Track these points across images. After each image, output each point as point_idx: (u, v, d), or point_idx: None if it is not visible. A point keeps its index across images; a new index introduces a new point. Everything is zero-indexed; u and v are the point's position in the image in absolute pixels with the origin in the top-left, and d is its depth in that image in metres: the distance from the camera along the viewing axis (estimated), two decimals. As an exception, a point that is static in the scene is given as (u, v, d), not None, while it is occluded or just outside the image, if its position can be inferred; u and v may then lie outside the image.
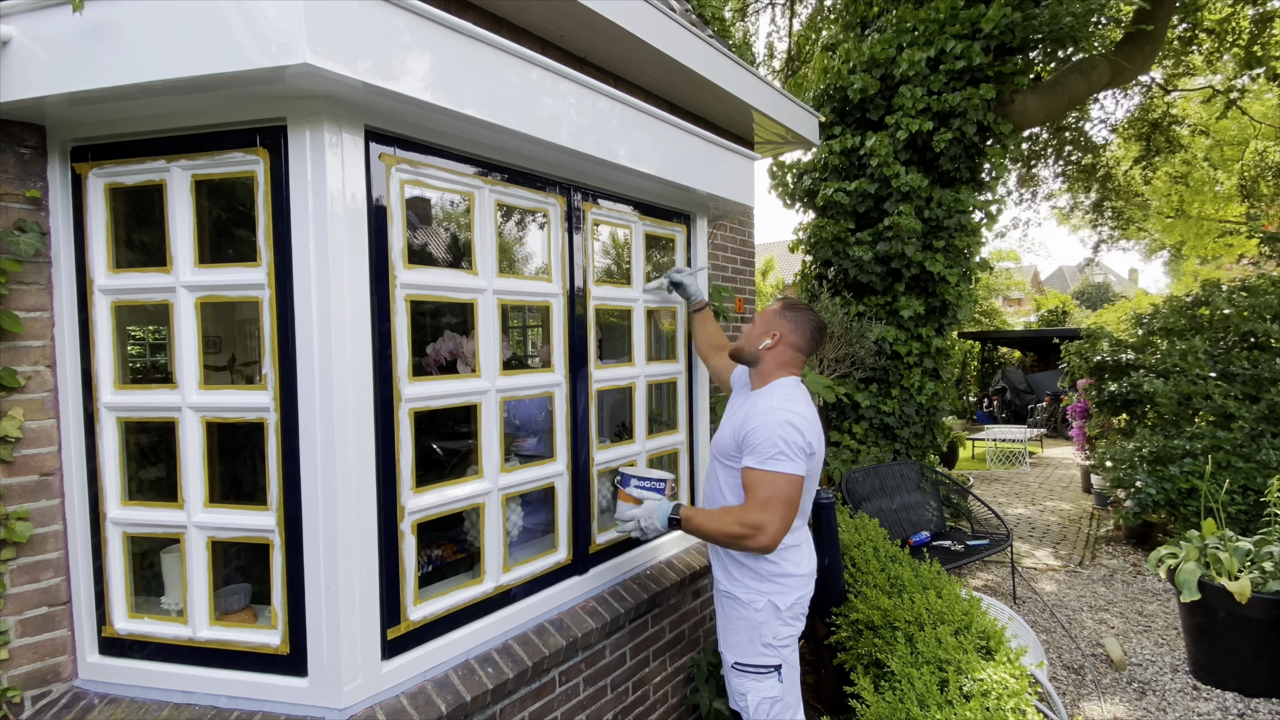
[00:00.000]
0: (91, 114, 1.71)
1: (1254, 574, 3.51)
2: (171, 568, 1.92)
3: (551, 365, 2.36)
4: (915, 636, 2.64)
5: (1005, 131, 6.21)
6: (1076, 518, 7.34)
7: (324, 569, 1.68)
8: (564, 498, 2.39)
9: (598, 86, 2.17)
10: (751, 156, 3.06)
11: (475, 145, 2.01)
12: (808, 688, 3.58)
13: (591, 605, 2.42)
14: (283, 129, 1.65)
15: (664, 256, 3.06)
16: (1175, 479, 5.13)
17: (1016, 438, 10.56)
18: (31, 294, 1.75)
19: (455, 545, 2.33)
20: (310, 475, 1.68)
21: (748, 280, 4.87)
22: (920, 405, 6.68)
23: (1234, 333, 5.83)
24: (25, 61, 1.56)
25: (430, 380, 1.95)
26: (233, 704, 1.75)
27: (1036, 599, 5.03)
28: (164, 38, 1.46)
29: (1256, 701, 3.53)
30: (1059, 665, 4.01)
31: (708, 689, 2.85)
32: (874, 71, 6.37)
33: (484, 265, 2.07)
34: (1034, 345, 16.30)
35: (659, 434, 2.91)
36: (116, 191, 1.83)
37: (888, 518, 5.09)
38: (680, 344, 3.03)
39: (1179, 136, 10.88)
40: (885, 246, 6.23)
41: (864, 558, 3.41)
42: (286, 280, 1.68)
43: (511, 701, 2.07)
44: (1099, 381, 6.77)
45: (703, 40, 3.32)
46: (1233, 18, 8.83)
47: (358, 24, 1.50)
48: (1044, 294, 26.23)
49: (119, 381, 1.83)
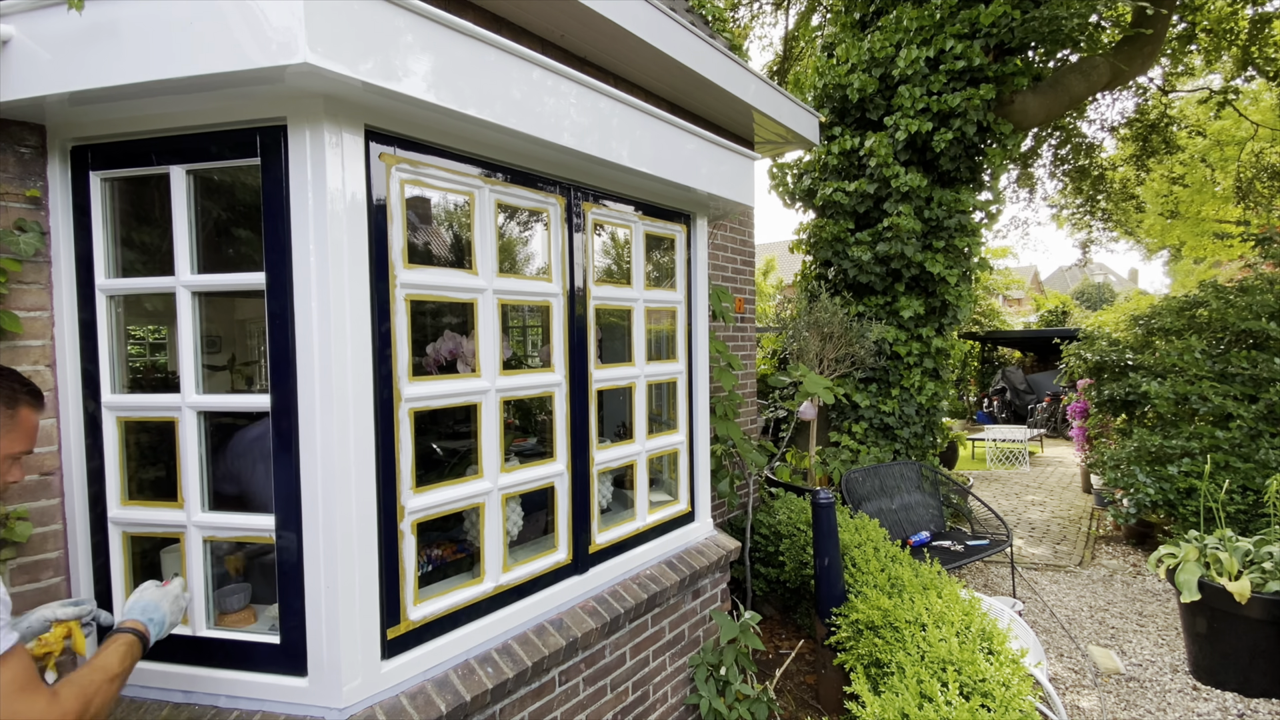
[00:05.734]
0: (92, 113, 1.71)
1: (1254, 574, 3.51)
2: (172, 567, 1.92)
3: (551, 365, 2.36)
4: (916, 637, 2.64)
5: (1005, 132, 6.22)
6: (1076, 518, 7.34)
7: (324, 569, 1.68)
8: (564, 498, 2.39)
9: (599, 86, 2.17)
10: (752, 156, 3.06)
11: (475, 145, 2.01)
12: (808, 688, 3.57)
13: (591, 605, 2.42)
14: (283, 128, 1.65)
15: (664, 256, 3.06)
16: (1174, 479, 5.13)
17: (1016, 438, 10.56)
18: (31, 293, 1.75)
19: (455, 545, 2.32)
20: (310, 474, 1.68)
21: (748, 280, 4.87)
22: (920, 405, 6.68)
23: (1232, 332, 5.83)
24: (25, 61, 1.56)
25: (430, 380, 1.95)
26: (233, 703, 1.75)
27: (1036, 599, 5.03)
28: (164, 37, 1.46)
29: (1256, 702, 3.53)
30: (1059, 665, 4.01)
31: (708, 689, 2.85)
32: (873, 71, 6.38)
33: (484, 265, 2.07)
34: (1034, 345, 16.30)
35: (659, 434, 2.91)
36: (117, 190, 1.83)
37: (888, 518, 5.09)
38: (680, 344, 3.03)
39: (1176, 137, 10.89)
40: (885, 247, 6.23)
41: (864, 558, 3.41)
42: (286, 279, 1.68)
43: (511, 701, 2.07)
44: (1098, 382, 6.78)
45: (703, 40, 3.32)
46: (1232, 18, 8.84)
47: (358, 24, 1.50)
48: (1044, 294, 26.24)
49: (119, 381, 1.83)
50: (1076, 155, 10.50)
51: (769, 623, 4.29)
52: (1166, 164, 12.23)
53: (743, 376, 4.76)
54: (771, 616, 4.35)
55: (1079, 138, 10.33)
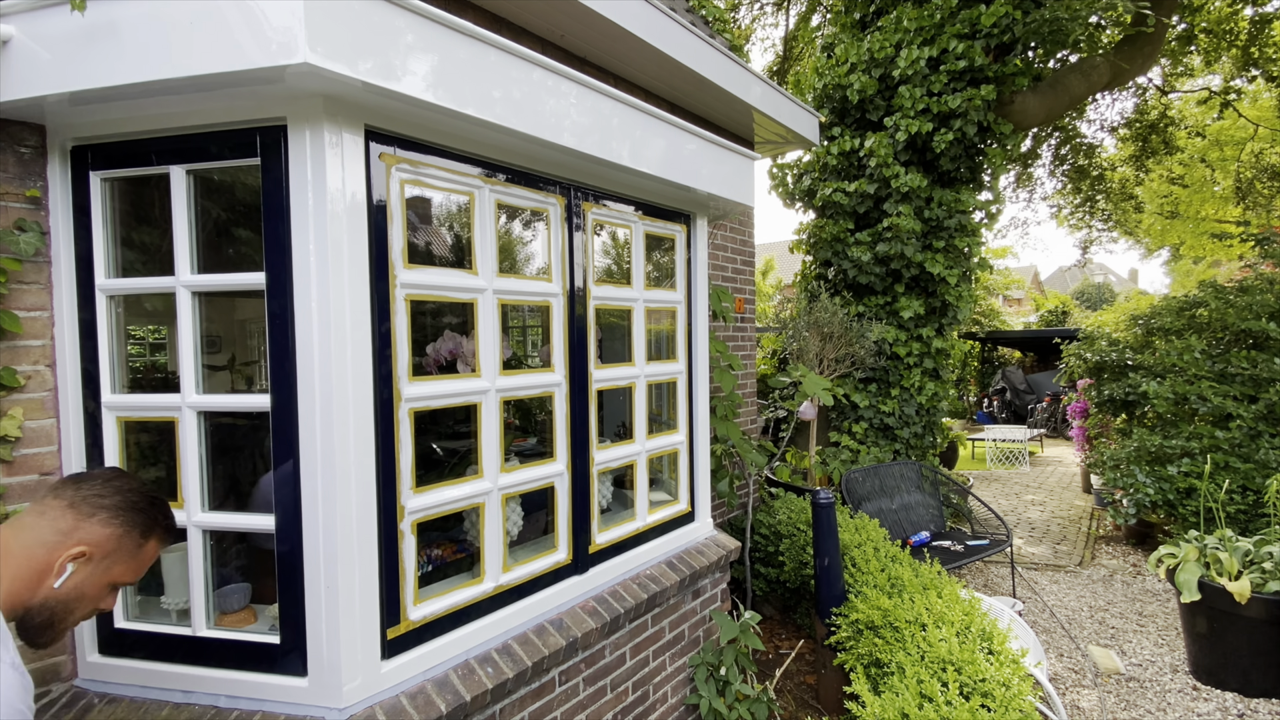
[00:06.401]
0: (92, 113, 1.71)
1: (1254, 574, 3.51)
2: (171, 567, 1.92)
3: (551, 365, 2.36)
4: (916, 637, 2.64)
5: (1005, 132, 6.22)
6: (1076, 517, 7.34)
7: (324, 568, 1.68)
8: (564, 498, 2.39)
9: (599, 86, 2.17)
10: (752, 156, 3.06)
11: (475, 145, 2.01)
12: (808, 688, 3.58)
13: (591, 605, 2.42)
14: (283, 128, 1.65)
15: (664, 256, 3.06)
16: (1174, 479, 5.13)
17: (1016, 438, 10.56)
18: (31, 293, 1.75)
19: (455, 545, 2.32)
20: (310, 474, 1.68)
21: (748, 280, 4.87)
22: (920, 405, 6.68)
23: (1231, 332, 5.83)
24: (25, 61, 1.56)
25: (430, 380, 1.95)
26: (232, 703, 1.75)
27: (1036, 599, 5.03)
28: (164, 37, 1.46)
29: (1256, 702, 3.53)
30: (1059, 665, 4.01)
31: (708, 689, 2.85)
32: (873, 71, 6.38)
33: (484, 265, 2.07)
34: (1034, 345, 16.31)
35: (659, 434, 2.91)
36: (117, 190, 1.83)
37: (888, 518, 5.09)
38: (680, 344, 3.03)
39: (1176, 138, 10.90)
40: (884, 247, 6.23)
41: (864, 558, 3.41)
42: (286, 279, 1.68)
43: (511, 701, 2.07)
44: (1098, 382, 6.78)
45: (703, 40, 3.32)
46: (1232, 18, 8.84)
47: (358, 24, 1.50)
48: (1044, 294, 26.24)
49: (119, 381, 1.83)
50: (1076, 155, 10.51)
51: (769, 623, 4.29)
52: (1166, 164, 12.23)
53: (743, 376, 4.76)
54: (771, 616, 4.35)
55: (1079, 138, 10.33)
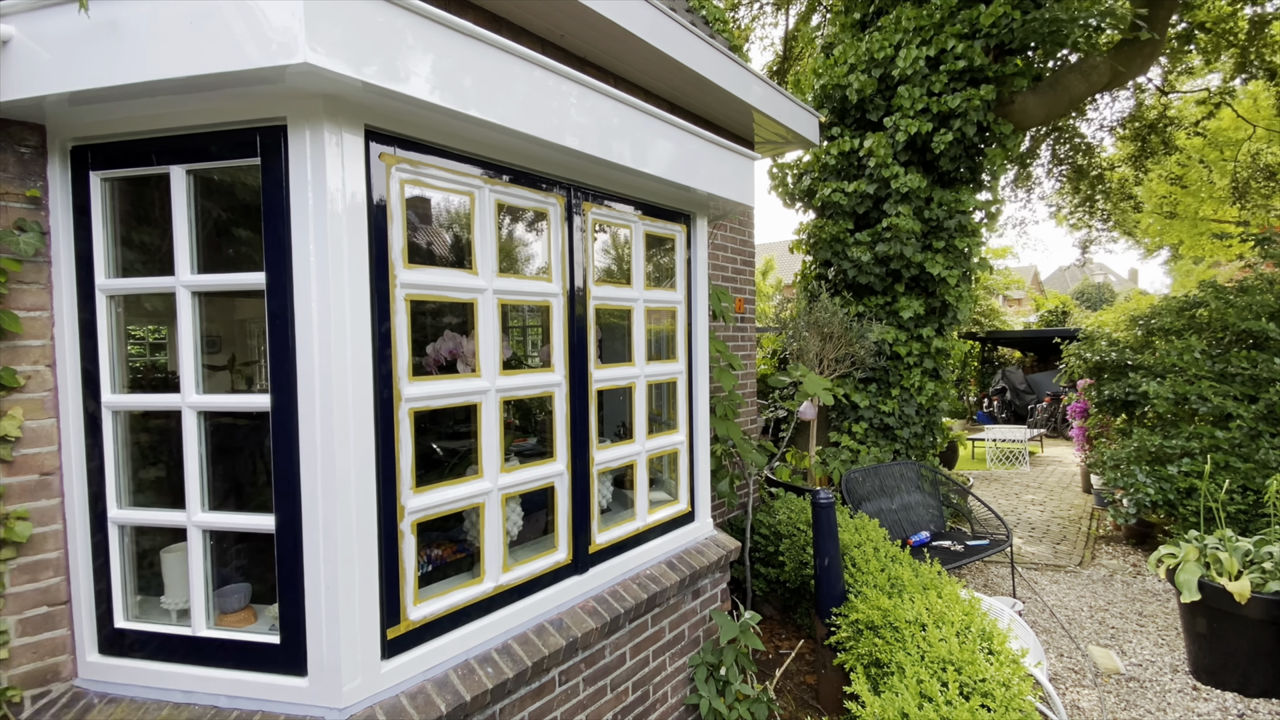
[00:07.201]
0: (92, 113, 1.71)
1: (1254, 574, 3.51)
2: (172, 567, 1.92)
3: (551, 365, 2.36)
4: (916, 637, 2.64)
5: (1005, 132, 6.22)
6: (1076, 517, 7.34)
7: (324, 569, 1.68)
8: (564, 498, 2.39)
9: (599, 87, 2.17)
10: (752, 156, 3.06)
11: (476, 145, 2.01)
12: (808, 688, 3.58)
13: (591, 605, 2.42)
14: (283, 129, 1.65)
15: (664, 256, 3.06)
16: (1174, 479, 5.14)
17: (1016, 438, 10.56)
18: (31, 293, 1.75)
19: (455, 545, 2.32)
20: (310, 475, 1.68)
21: (748, 280, 4.87)
22: (920, 405, 6.68)
23: (1231, 333, 5.84)
24: (26, 61, 1.56)
25: (430, 380, 1.95)
26: (232, 703, 1.75)
27: (1036, 599, 5.03)
28: (164, 37, 1.46)
29: (1256, 702, 3.53)
30: (1059, 665, 4.01)
31: (708, 689, 2.85)
32: (873, 71, 6.38)
33: (484, 265, 2.07)
34: (1034, 345, 16.31)
35: (659, 434, 2.91)
36: (117, 190, 1.83)
37: (888, 518, 5.09)
38: (680, 344, 3.03)
39: (1175, 138, 10.90)
40: (884, 247, 6.23)
41: (864, 558, 3.41)
42: (286, 279, 1.68)
43: (511, 701, 2.07)
44: (1098, 382, 6.78)
45: (703, 40, 3.32)
46: (1232, 17, 8.85)
47: (358, 24, 1.50)
48: (1044, 294, 26.25)
49: (119, 381, 1.83)
50: (1075, 155, 10.52)
51: (769, 623, 4.29)
52: (1164, 164, 12.23)
53: (743, 376, 4.77)
54: (771, 616, 4.35)
55: (1078, 138, 10.33)
